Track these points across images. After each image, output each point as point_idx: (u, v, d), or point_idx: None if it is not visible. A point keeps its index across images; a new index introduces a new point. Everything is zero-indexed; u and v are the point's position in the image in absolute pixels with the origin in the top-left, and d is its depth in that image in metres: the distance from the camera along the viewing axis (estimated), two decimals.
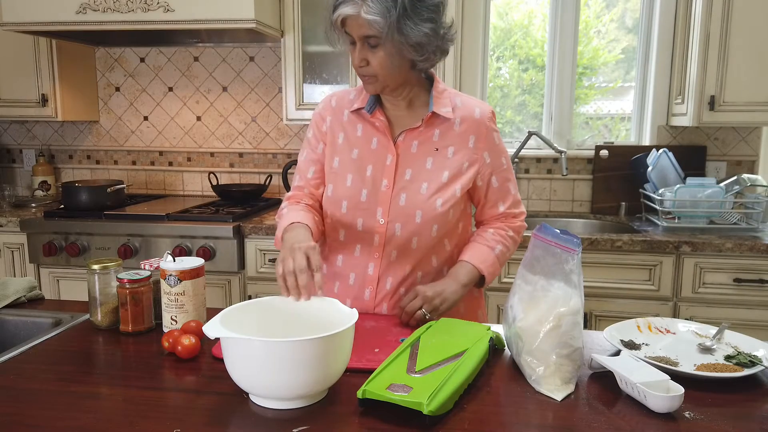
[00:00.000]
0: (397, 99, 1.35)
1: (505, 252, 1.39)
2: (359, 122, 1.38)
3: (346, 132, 1.39)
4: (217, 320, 0.92)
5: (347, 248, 1.37)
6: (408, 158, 1.34)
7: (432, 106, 1.32)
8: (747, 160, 2.75)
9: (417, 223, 1.31)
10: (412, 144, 1.34)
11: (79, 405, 0.92)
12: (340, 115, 1.40)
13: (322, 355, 0.87)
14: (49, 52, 2.81)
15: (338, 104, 1.42)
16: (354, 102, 1.39)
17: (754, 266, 2.18)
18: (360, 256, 1.36)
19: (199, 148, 3.15)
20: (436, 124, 1.34)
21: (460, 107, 1.35)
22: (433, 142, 1.34)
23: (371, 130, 1.36)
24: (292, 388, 0.88)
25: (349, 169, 1.36)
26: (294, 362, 0.85)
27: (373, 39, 1.21)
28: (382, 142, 1.35)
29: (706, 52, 2.38)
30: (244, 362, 0.87)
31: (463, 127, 1.34)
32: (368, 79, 1.28)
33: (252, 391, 0.92)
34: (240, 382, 0.91)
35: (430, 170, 1.33)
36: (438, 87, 1.36)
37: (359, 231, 1.34)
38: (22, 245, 2.60)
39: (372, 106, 1.35)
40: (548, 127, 2.94)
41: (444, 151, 1.34)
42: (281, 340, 0.85)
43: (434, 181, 1.32)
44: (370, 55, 1.23)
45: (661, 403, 0.88)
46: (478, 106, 1.37)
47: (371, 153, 1.35)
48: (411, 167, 1.33)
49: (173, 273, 1.18)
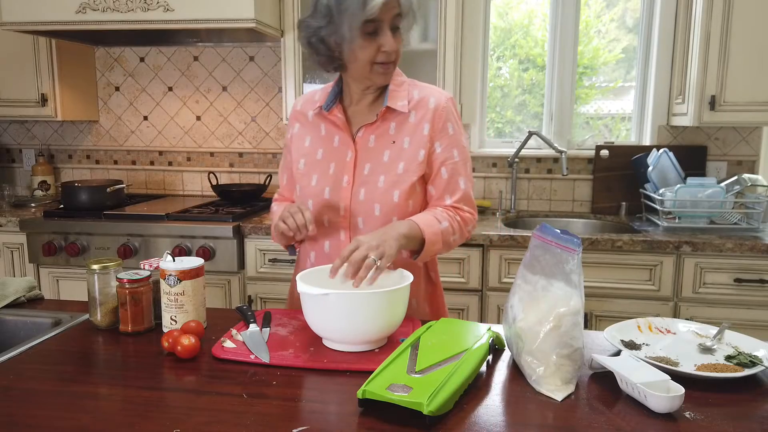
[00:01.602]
0: (372, 92, 1.36)
1: (449, 231, 1.32)
2: (322, 122, 1.41)
3: (311, 134, 1.42)
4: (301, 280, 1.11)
5: (317, 245, 1.40)
6: (366, 153, 1.36)
7: (387, 100, 1.34)
8: (747, 160, 2.75)
9: (376, 216, 1.33)
10: (369, 138, 1.36)
11: (79, 405, 0.92)
12: (306, 118, 1.44)
13: (386, 307, 1.08)
14: (48, 52, 2.81)
15: (303, 107, 1.46)
16: (317, 102, 1.42)
17: (754, 266, 2.18)
18: (329, 252, 1.38)
19: (198, 148, 3.15)
20: (391, 118, 1.36)
21: (417, 98, 1.36)
22: (389, 135, 1.36)
23: (333, 128, 1.39)
24: (359, 334, 1.08)
25: (314, 169, 1.39)
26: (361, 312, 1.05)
27: (398, 19, 1.25)
28: (342, 139, 1.38)
29: (706, 52, 2.37)
30: (322, 313, 1.08)
31: (418, 116, 1.35)
32: (390, 68, 1.30)
33: (328, 337, 1.12)
34: (319, 330, 1.12)
35: (387, 163, 1.34)
36: (396, 80, 1.37)
37: (326, 228, 1.38)
38: (22, 245, 2.60)
39: (330, 104, 1.38)
40: (548, 126, 2.94)
41: (400, 142, 1.35)
42: (354, 292, 1.07)
43: (390, 174, 1.33)
44: (396, 39, 1.27)
45: (661, 403, 0.88)
46: (434, 95, 1.37)
47: (333, 151, 1.38)
48: (369, 162, 1.35)
49: (173, 273, 1.18)
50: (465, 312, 2.35)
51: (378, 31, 1.24)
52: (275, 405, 0.92)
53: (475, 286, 2.33)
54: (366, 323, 1.07)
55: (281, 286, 2.43)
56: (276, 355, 1.08)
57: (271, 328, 1.21)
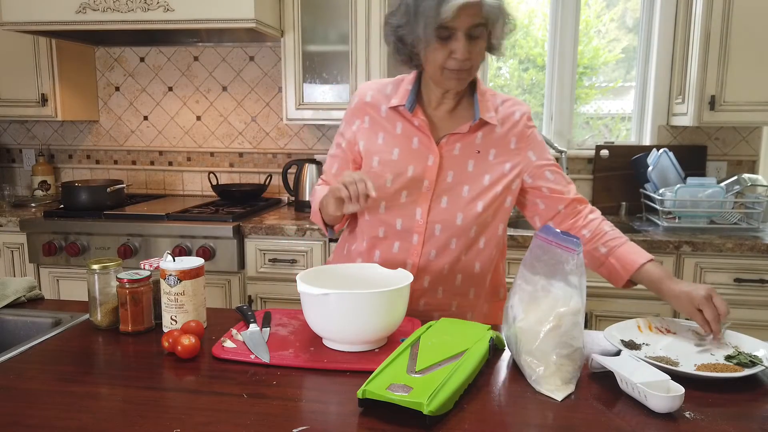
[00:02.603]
0: (451, 99, 1.34)
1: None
2: (398, 119, 1.36)
3: (385, 130, 1.37)
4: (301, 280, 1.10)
5: (386, 244, 1.37)
6: (450, 161, 1.33)
7: (478, 112, 1.32)
8: (747, 160, 2.75)
9: (457, 225, 1.32)
10: (455, 146, 1.33)
11: (79, 405, 0.92)
12: (378, 112, 1.38)
13: (386, 307, 1.07)
14: (48, 52, 2.81)
15: (374, 99, 1.39)
16: (391, 97, 1.36)
17: (754, 266, 2.18)
18: (398, 253, 1.35)
19: (199, 148, 3.15)
20: (480, 129, 1.34)
21: (501, 109, 1.36)
22: (475, 144, 1.34)
23: (411, 128, 1.35)
24: (359, 334, 1.08)
25: (389, 169, 1.34)
26: (361, 312, 1.05)
27: (479, 29, 1.21)
28: (423, 142, 1.34)
29: (706, 52, 2.37)
30: (323, 313, 1.07)
31: (504, 129, 1.35)
32: (464, 74, 1.26)
33: (328, 337, 1.11)
34: (319, 330, 1.12)
35: (471, 173, 1.32)
36: (480, 88, 1.35)
37: (398, 230, 1.34)
38: (22, 245, 2.60)
39: (412, 104, 1.34)
40: (548, 126, 2.94)
41: (485, 154, 1.33)
42: (355, 292, 1.05)
43: (476, 185, 1.32)
44: (471, 47, 1.22)
45: (661, 403, 0.88)
46: (517, 107, 1.37)
47: (412, 152, 1.34)
48: (453, 170, 1.33)
49: (173, 273, 1.17)
50: None
51: (452, 37, 1.20)
52: (275, 405, 0.92)
53: None
54: (366, 323, 1.07)
55: (281, 286, 2.43)
56: (276, 355, 1.08)
57: (271, 328, 1.21)
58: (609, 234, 1.34)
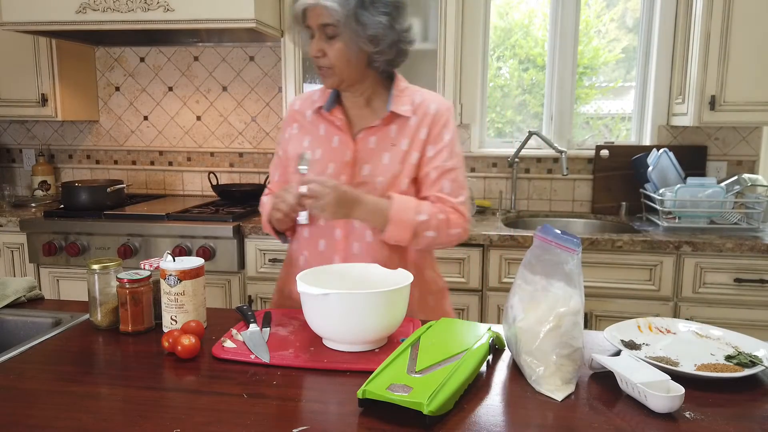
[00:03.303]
0: (355, 96, 1.40)
1: (425, 226, 1.31)
2: (321, 122, 1.43)
3: (311, 133, 1.44)
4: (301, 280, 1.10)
5: (312, 244, 1.42)
6: (366, 154, 1.38)
7: (390, 105, 1.37)
8: (747, 160, 2.75)
9: None
10: (369, 140, 1.38)
11: (79, 405, 0.92)
12: (304, 117, 1.46)
13: (386, 307, 1.08)
14: (48, 52, 2.81)
15: (301, 107, 1.48)
16: (316, 102, 1.44)
17: (754, 266, 2.18)
18: (324, 251, 1.40)
19: (199, 148, 3.15)
20: (394, 121, 1.39)
21: (419, 103, 1.40)
22: (390, 137, 1.38)
23: (332, 128, 1.41)
24: (359, 334, 1.08)
25: (312, 169, 1.40)
26: (361, 312, 1.06)
27: (330, 28, 1.27)
28: (342, 140, 1.40)
29: (706, 52, 2.37)
30: (323, 313, 1.07)
31: (418, 120, 1.38)
32: (325, 72, 1.33)
33: (328, 337, 1.11)
34: (319, 330, 1.11)
35: (386, 165, 1.37)
36: (399, 86, 1.41)
37: (321, 227, 1.40)
38: (22, 245, 2.60)
39: (330, 105, 1.41)
40: (548, 126, 2.94)
41: (399, 145, 1.38)
42: (355, 292, 1.06)
43: (388, 176, 1.36)
44: (327, 46, 1.29)
45: (661, 403, 0.88)
46: (435, 101, 1.41)
47: (332, 151, 1.40)
48: (369, 163, 1.37)
49: (173, 273, 1.18)
50: (465, 312, 2.35)
51: (313, 36, 1.30)
52: (275, 405, 0.92)
53: (475, 286, 2.33)
54: (366, 323, 1.07)
55: None
56: (276, 355, 1.08)
57: (271, 328, 1.21)
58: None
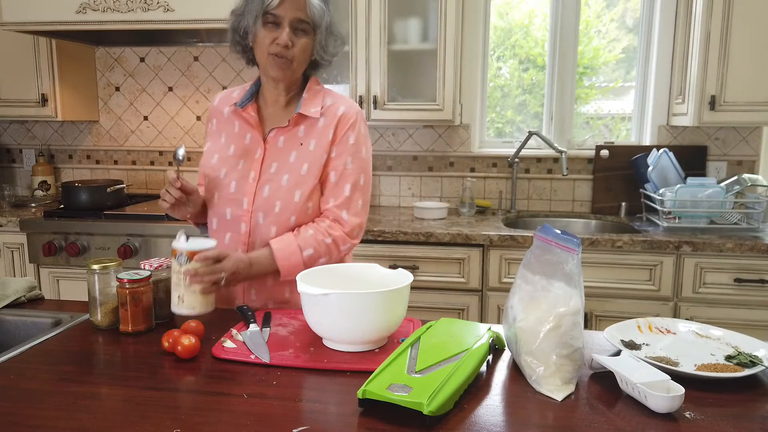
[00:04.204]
0: (282, 94, 1.44)
1: (314, 258, 1.37)
2: (236, 119, 1.47)
3: (227, 130, 1.48)
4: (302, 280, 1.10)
5: (219, 237, 1.45)
6: (275, 152, 1.42)
7: (300, 107, 1.41)
8: (747, 160, 2.75)
9: (276, 213, 1.39)
10: (279, 139, 1.43)
11: (79, 405, 0.92)
12: (222, 114, 1.50)
13: (386, 307, 1.08)
14: (49, 52, 2.81)
15: (219, 104, 1.52)
16: (234, 99, 1.48)
17: (754, 266, 2.18)
18: (229, 244, 1.43)
19: (199, 148, 3.14)
20: (302, 122, 1.42)
21: (329, 106, 1.43)
22: (298, 137, 1.42)
23: (246, 126, 1.45)
24: (359, 334, 1.08)
25: (224, 164, 1.44)
26: (361, 312, 1.06)
27: (304, 25, 1.34)
28: (254, 137, 1.44)
29: (706, 52, 2.37)
30: (322, 313, 1.07)
31: (326, 121, 1.42)
32: (285, 63, 1.35)
33: (328, 337, 1.11)
34: (319, 330, 1.12)
35: (292, 163, 1.40)
36: (312, 88, 1.45)
37: (228, 220, 1.43)
38: (22, 245, 2.60)
39: (245, 102, 1.45)
40: (548, 126, 2.94)
41: (307, 145, 1.41)
42: (354, 292, 1.06)
43: (294, 174, 1.39)
44: (294, 39, 1.34)
45: (661, 403, 0.88)
46: (344, 104, 1.45)
47: (244, 148, 1.44)
48: (277, 161, 1.41)
49: (184, 252, 1.20)
50: (465, 312, 2.35)
51: (278, 25, 1.33)
52: (275, 405, 0.92)
53: (475, 286, 2.33)
54: (366, 323, 1.07)
55: None
56: (276, 355, 1.08)
57: (271, 328, 1.22)
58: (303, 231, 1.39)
